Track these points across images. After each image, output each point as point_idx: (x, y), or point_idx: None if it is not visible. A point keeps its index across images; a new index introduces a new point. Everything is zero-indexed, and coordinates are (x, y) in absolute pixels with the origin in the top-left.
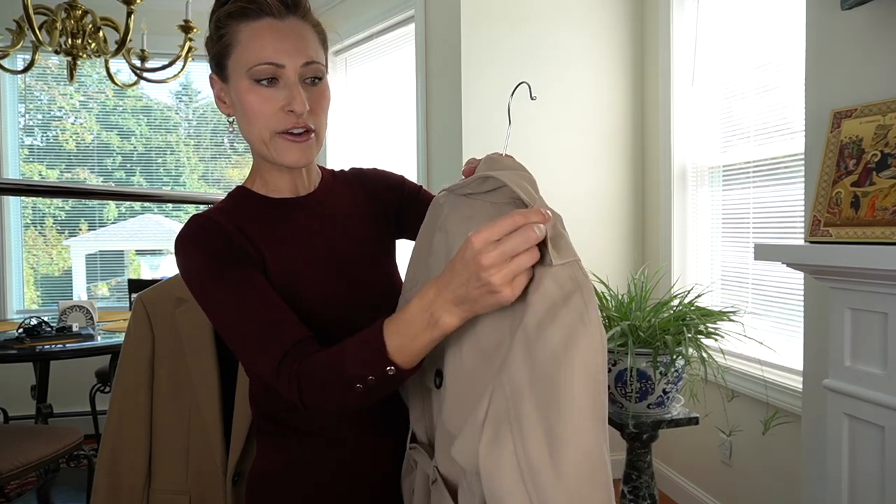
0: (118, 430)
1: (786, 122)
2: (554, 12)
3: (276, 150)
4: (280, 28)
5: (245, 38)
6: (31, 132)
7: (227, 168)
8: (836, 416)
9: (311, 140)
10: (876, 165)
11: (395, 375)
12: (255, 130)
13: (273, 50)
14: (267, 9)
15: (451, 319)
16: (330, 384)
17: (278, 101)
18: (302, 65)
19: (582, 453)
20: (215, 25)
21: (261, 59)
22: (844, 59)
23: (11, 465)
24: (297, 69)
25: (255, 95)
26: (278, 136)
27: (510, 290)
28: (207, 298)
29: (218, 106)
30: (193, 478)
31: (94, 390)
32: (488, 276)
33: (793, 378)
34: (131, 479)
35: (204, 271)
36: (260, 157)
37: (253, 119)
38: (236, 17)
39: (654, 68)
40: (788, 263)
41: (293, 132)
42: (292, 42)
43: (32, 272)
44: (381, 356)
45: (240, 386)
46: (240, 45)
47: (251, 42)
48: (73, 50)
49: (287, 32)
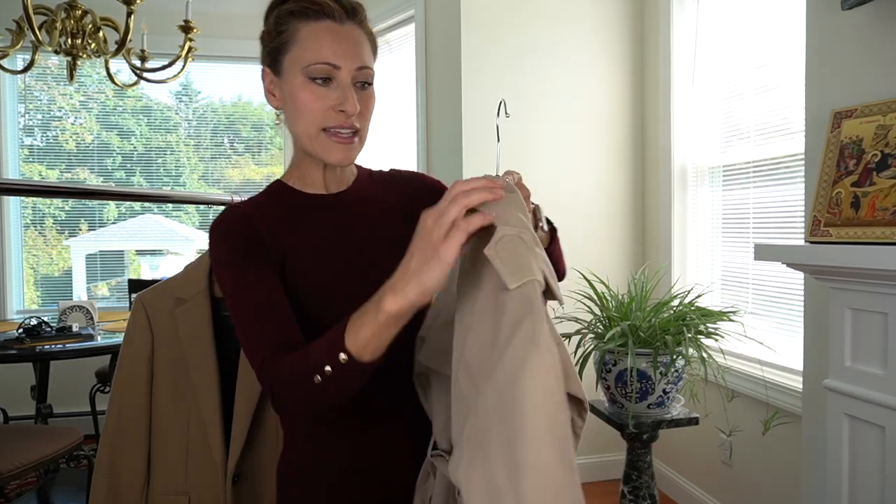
0: (117, 430)
1: (786, 122)
2: (554, 12)
3: (322, 147)
4: (339, 31)
5: (304, 37)
6: (30, 132)
7: (227, 168)
8: (836, 416)
9: (356, 142)
10: (876, 165)
11: (348, 365)
12: (304, 126)
13: (331, 51)
14: (329, 11)
15: (392, 301)
16: (293, 377)
17: (330, 101)
18: (356, 68)
19: (542, 477)
20: (275, 21)
21: (318, 59)
22: (844, 59)
23: (11, 465)
24: (351, 72)
25: (308, 93)
26: (325, 134)
27: (445, 246)
28: (225, 290)
29: (267, 98)
30: (193, 478)
31: (94, 390)
32: (429, 236)
33: (793, 378)
34: (130, 480)
35: (225, 264)
36: (302, 152)
37: (303, 114)
38: (298, 15)
39: (654, 68)
40: (788, 263)
41: (341, 132)
42: (349, 46)
43: (32, 272)
44: (336, 343)
45: (240, 386)
46: (298, 43)
47: (310, 41)
48: (73, 50)
49: (345, 36)
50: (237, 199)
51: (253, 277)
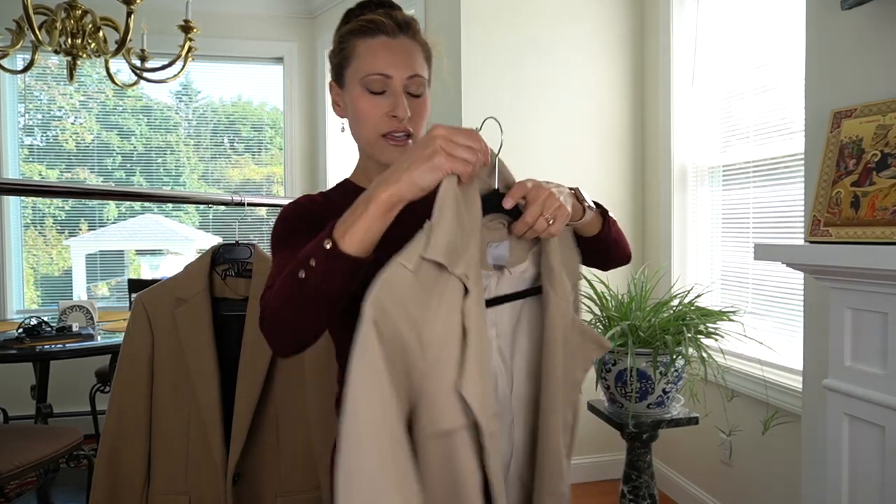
0: (118, 430)
1: (786, 122)
2: (554, 12)
3: (380, 150)
4: (392, 45)
5: (362, 52)
6: (30, 132)
7: (227, 168)
8: (836, 416)
9: (409, 144)
10: (876, 165)
11: (331, 252)
12: (364, 132)
13: (384, 63)
14: (383, 28)
15: (384, 191)
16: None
17: (384, 107)
18: (407, 77)
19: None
20: (339, 40)
21: (373, 70)
22: (844, 59)
23: (11, 465)
24: (402, 81)
25: (366, 101)
26: (382, 139)
27: (443, 158)
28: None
29: (333, 109)
30: (193, 478)
31: (94, 390)
32: (435, 138)
33: (793, 378)
34: (131, 479)
35: (278, 238)
36: (365, 155)
37: (362, 121)
38: (356, 34)
39: (654, 68)
40: (788, 263)
41: (395, 136)
42: (401, 57)
43: (32, 272)
44: (323, 236)
45: (240, 386)
46: (357, 57)
47: (367, 55)
48: (73, 50)
49: (398, 49)
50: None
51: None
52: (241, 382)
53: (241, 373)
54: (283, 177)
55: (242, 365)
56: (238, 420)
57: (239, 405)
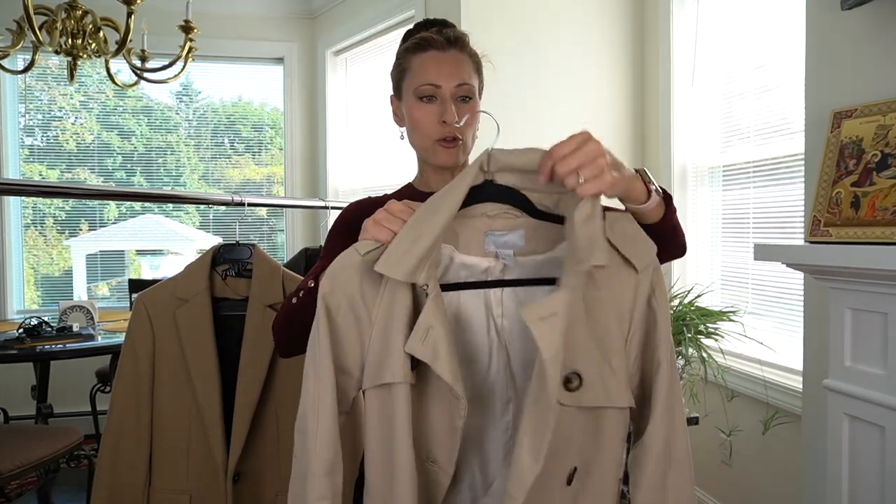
0: (119, 429)
1: (786, 123)
2: (554, 13)
3: (433, 154)
4: (442, 58)
5: (416, 66)
6: (31, 132)
7: (227, 168)
8: (836, 416)
9: (459, 146)
10: (876, 165)
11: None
12: (418, 138)
13: (434, 74)
14: (433, 44)
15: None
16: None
17: (436, 114)
18: (455, 85)
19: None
20: (397, 57)
21: (424, 81)
22: (844, 59)
23: (11, 465)
24: (451, 89)
25: (419, 110)
26: (435, 144)
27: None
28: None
29: (394, 120)
30: (194, 477)
31: (95, 390)
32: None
33: (793, 378)
34: (132, 479)
35: (326, 241)
36: (422, 160)
37: (417, 128)
38: (412, 50)
39: (654, 68)
40: (788, 263)
41: (446, 140)
42: (450, 68)
43: (33, 272)
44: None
45: (240, 386)
46: (411, 71)
47: (419, 69)
48: (74, 50)
49: (447, 61)
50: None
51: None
52: (242, 382)
53: (242, 372)
54: (283, 177)
55: (243, 364)
56: (238, 419)
57: (239, 404)
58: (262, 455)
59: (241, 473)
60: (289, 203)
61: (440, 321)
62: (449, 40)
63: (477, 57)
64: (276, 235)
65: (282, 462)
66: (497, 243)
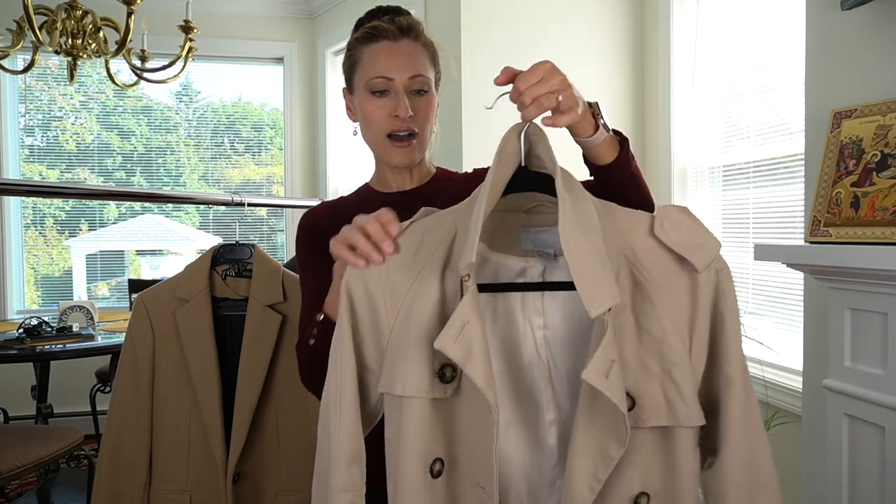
0: (119, 429)
1: (786, 123)
2: (554, 12)
3: (386, 152)
4: (393, 48)
5: (366, 58)
6: (31, 132)
7: (227, 168)
8: (836, 416)
9: (414, 144)
10: (876, 165)
11: (323, 321)
12: (371, 133)
13: (386, 66)
14: (385, 34)
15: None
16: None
17: (388, 108)
18: (409, 78)
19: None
20: (347, 48)
21: (376, 74)
22: (844, 59)
23: (11, 466)
24: (404, 82)
25: (370, 104)
26: (388, 140)
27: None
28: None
29: (347, 115)
30: (194, 477)
31: (94, 390)
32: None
33: (793, 378)
34: (132, 479)
35: (299, 256)
36: (378, 160)
37: (369, 123)
38: (362, 41)
39: (654, 68)
40: (788, 263)
41: (398, 135)
42: (402, 59)
43: (33, 272)
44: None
45: (240, 386)
46: (362, 62)
47: (370, 60)
48: (73, 50)
49: (399, 52)
50: (237, 198)
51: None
52: (242, 382)
53: (242, 372)
54: (283, 177)
55: (242, 364)
56: (238, 419)
57: (239, 404)
58: (262, 455)
59: (241, 473)
60: (289, 203)
61: (478, 317)
62: (402, 29)
63: (433, 46)
64: (275, 235)
65: (282, 462)
66: (535, 241)
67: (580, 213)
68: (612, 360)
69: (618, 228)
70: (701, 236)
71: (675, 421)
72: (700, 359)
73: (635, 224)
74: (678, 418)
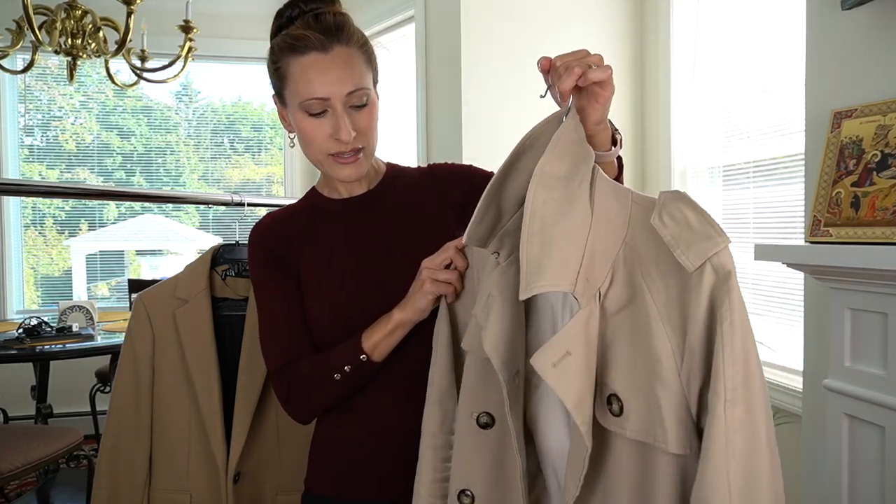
0: (118, 429)
1: (786, 123)
2: (554, 12)
3: (331, 169)
4: (324, 61)
5: (296, 73)
6: (31, 132)
7: (227, 168)
8: (836, 416)
9: (360, 158)
10: (876, 165)
11: (366, 363)
12: (312, 153)
13: (319, 84)
14: (311, 44)
15: (399, 313)
16: (315, 376)
17: (327, 129)
18: (346, 94)
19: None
20: (271, 57)
21: (310, 95)
22: (844, 59)
23: (11, 466)
24: (342, 98)
25: (308, 124)
26: (330, 158)
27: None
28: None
29: (281, 122)
30: (194, 477)
31: (94, 390)
32: (421, 271)
33: (793, 378)
34: (132, 479)
35: (253, 273)
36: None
37: (309, 143)
38: (287, 51)
39: (654, 68)
40: (788, 264)
41: (343, 155)
42: (336, 73)
43: (32, 272)
44: (355, 347)
45: (240, 386)
46: (292, 78)
47: (301, 77)
48: (73, 50)
49: (331, 64)
50: (237, 198)
51: (272, 291)
52: (242, 382)
53: (242, 372)
54: (282, 177)
55: (242, 364)
56: (238, 419)
57: (239, 404)
58: (262, 455)
59: (241, 473)
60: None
61: (501, 291)
62: (329, 32)
63: (365, 44)
64: None
65: (282, 462)
66: None
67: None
68: (566, 351)
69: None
70: (700, 230)
71: (652, 439)
72: (695, 374)
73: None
74: (655, 437)
